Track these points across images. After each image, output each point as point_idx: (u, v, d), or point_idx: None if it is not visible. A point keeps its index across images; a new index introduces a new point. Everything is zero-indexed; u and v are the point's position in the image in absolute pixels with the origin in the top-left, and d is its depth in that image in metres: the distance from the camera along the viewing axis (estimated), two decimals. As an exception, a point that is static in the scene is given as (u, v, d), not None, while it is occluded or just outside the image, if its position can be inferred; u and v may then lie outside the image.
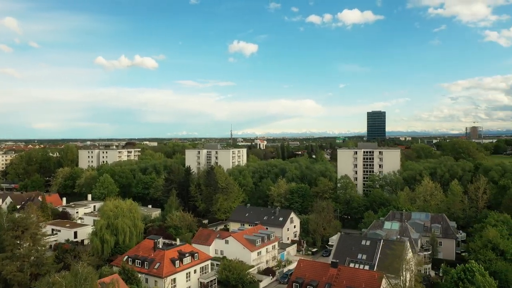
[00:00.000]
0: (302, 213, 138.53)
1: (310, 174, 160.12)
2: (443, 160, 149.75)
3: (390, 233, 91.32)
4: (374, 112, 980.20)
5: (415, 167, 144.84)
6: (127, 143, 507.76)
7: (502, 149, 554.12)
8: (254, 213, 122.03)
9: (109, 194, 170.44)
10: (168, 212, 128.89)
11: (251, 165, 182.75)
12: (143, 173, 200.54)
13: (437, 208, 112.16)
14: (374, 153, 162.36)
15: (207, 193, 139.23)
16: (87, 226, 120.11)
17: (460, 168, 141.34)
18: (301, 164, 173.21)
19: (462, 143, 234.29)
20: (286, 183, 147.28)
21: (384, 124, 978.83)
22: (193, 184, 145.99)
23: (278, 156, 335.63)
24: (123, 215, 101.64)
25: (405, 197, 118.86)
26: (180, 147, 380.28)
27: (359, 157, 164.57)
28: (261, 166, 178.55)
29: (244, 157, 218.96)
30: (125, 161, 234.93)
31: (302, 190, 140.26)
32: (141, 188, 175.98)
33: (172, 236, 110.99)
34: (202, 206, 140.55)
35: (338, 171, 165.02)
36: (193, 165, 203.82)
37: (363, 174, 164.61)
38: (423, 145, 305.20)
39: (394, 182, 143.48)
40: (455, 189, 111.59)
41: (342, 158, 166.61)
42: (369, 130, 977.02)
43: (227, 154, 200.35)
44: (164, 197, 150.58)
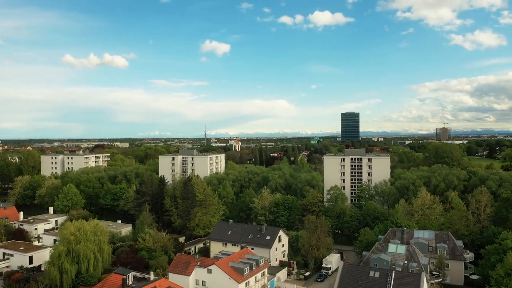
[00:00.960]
0: (288, 227, 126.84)
1: (295, 184, 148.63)
2: (436, 168, 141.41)
3: (396, 257, 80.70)
4: (348, 113, 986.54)
5: (408, 176, 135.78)
6: (96, 146, 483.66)
7: (474, 150, 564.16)
8: (237, 231, 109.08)
9: (73, 206, 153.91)
10: (139, 229, 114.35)
11: (231, 173, 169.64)
12: (112, 181, 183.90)
13: (439, 224, 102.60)
14: (363, 160, 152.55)
15: (184, 207, 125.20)
16: (45, 249, 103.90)
17: (455, 177, 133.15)
18: (284, 172, 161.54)
19: (445, 147, 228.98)
20: (270, 194, 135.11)
21: (358, 125, 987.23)
22: (168, 197, 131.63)
23: (255, 160, 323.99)
24: (86, 239, 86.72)
25: (402, 211, 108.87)
26: (152, 150, 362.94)
27: (346, 164, 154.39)
28: (242, 175, 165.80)
29: (222, 163, 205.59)
30: (92, 168, 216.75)
31: (288, 202, 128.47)
32: (109, 200, 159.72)
33: (144, 260, 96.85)
34: (179, 221, 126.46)
35: (325, 179, 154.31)
36: (167, 173, 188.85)
37: (350, 182, 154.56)
38: (404, 149, 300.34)
39: (386, 192, 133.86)
40: (457, 203, 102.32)
41: (329, 166, 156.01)
42: (343, 131, 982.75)
43: (204, 160, 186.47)
44: (135, 210, 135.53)
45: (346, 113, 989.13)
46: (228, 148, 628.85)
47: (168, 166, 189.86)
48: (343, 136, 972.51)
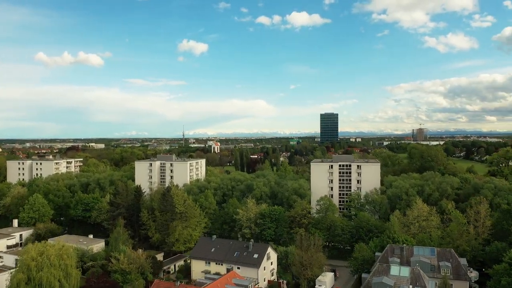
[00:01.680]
0: (276, 241, 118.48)
1: (281, 192, 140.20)
2: (428, 176, 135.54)
3: (400, 281, 73.01)
4: (327, 114, 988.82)
5: (400, 184, 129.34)
6: (70, 148, 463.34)
7: (451, 151, 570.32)
8: (221, 248, 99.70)
9: (40, 218, 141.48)
10: (113, 247, 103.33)
11: (212, 181, 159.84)
12: (84, 190, 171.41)
13: (438, 238, 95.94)
14: (352, 167, 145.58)
15: (162, 220, 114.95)
16: (4, 273, 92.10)
17: (449, 185, 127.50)
18: (269, 180, 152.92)
19: (430, 150, 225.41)
20: (255, 204, 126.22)
21: (337, 126, 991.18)
22: (145, 209, 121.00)
23: (236, 163, 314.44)
24: (50, 265, 75.77)
25: (398, 224, 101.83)
26: (129, 153, 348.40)
27: (335, 171, 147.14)
28: (225, 182, 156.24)
29: (203, 168, 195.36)
30: (63, 174, 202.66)
31: (275, 213, 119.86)
32: (81, 211, 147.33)
33: (118, 285, 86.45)
34: (157, 236, 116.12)
35: (312, 187, 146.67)
36: (144, 180, 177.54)
37: (339, 190, 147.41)
38: (388, 152, 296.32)
39: (377, 202, 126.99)
40: (457, 216, 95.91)
41: (316, 173, 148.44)
42: (322, 131, 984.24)
43: (184, 166, 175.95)
44: (109, 224, 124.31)
45: (325, 114, 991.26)
46: (207, 150, 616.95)
47: (145, 172, 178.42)
48: (322, 137, 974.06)
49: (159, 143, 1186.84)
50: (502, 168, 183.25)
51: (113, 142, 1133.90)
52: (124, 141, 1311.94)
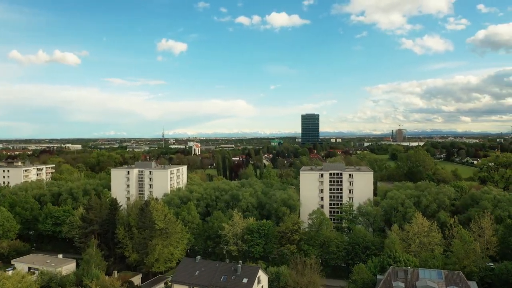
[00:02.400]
0: (265, 258, 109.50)
1: (270, 204, 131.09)
2: (424, 186, 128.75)
3: (410, 314, 64.99)
4: (308, 115, 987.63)
5: (396, 195, 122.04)
6: (43, 151, 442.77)
7: (432, 153, 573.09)
8: (206, 271, 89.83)
9: (5, 234, 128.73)
10: (85, 270, 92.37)
11: (195, 190, 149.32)
12: (55, 201, 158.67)
13: (442, 258, 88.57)
14: (343, 176, 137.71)
15: (140, 238, 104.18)
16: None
17: (446, 196, 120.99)
18: (256, 189, 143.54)
19: (418, 155, 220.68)
20: (242, 218, 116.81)
21: (318, 126, 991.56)
22: (121, 226, 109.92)
23: (218, 167, 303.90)
24: (7, 302, 64.93)
25: (398, 241, 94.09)
26: (105, 157, 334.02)
27: (325, 180, 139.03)
28: (208, 192, 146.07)
29: (184, 175, 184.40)
30: (33, 183, 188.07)
31: (264, 228, 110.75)
32: (50, 225, 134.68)
33: (90, 319, 75.87)
34: (134, 256, 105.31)
35: (302, 197, 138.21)
36: (121, 189, 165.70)
37: (329, 200, 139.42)
38: (373, 156, 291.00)
39: (371, 214, 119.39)
40: (463, 234, 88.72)
41: (306, 182, 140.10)
42: (303, 132, 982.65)
43: (164, 174, 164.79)
44: (80, 242, 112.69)
45: (306, 115, 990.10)
46: (187, 152, 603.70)
47: (122, 181, 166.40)
48: (303, 138, 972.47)
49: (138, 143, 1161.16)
50: (493, 174, 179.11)
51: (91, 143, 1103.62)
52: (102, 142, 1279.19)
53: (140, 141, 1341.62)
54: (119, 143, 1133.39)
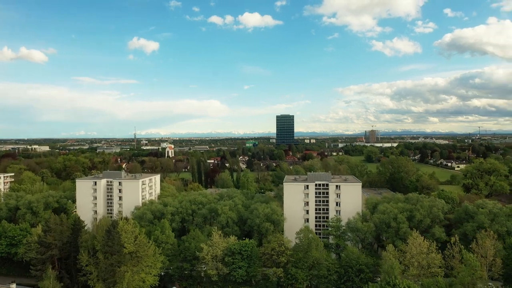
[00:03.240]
0: (248, 283, 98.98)
1: (252, 219, 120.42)
2: (416, 198, 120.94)
3: None
4: (283, 116, 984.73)
5: (387, 209, 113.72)
6: (5, 155, 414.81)
7: (406, 154, 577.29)
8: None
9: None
10: (40, 306, 79.21)
11: (169, 203, 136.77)
12: (12, 216, 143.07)
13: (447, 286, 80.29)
14: (330, 187, 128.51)
15: (107, 265, 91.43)
16: None
17: (440, 210, 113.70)
18: (236, 202, 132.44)
19: (400, 160, 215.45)
20: (221, 236, 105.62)
21: (293, 127, 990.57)
22: (85, 250, 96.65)
23: (193, 172, 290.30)
24: None
25: (398, 266, 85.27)
26: (73, 162, 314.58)
27: (310, 192, 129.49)
28: (184, 205, 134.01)
29: (157, 185, 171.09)
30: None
31: (247, 249, 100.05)
32: (5, 246, 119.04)
33: None
34: (100, 286, 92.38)
35: (285, 211, 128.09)
36: (87, 202, 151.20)
37: (315, 213, 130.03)
38: (352, 159, 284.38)
39: (362, 230, 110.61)
40: (470, 259, 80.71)
41: (290, 194, 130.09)
42: (278, 133, 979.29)
43: (135, 186, 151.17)
44: (37, 270, 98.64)
45: (281, 116, 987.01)
46: (160, 154, 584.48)
47: (88, 192, 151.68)
48: (278, 138, 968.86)
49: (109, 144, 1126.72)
50: (477, 181, 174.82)
51: (59, 144, 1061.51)
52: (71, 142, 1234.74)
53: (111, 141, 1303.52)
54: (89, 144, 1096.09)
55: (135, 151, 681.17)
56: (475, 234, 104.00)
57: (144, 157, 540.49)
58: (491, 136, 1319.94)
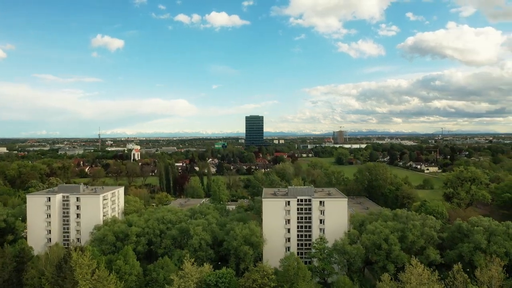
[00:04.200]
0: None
1: (228, 242, 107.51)
2: (405, 215, 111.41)
3: None
4: (252, 117, 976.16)
5: (377, 228, 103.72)
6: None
7: (375, 157, 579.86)
8: None
9: None
10: None
11: (134, 223, 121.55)
12: None
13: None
14: (313, 203, 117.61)
15: (57, 308, 76.27)
16: None
17: (433, 228, 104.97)
18: (210, 221, 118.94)
19: (378, 168, 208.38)
20: (194, 263, 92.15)
21: (262, 128, 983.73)
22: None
23: (161, 179, 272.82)
24: None
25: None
26: (29, 168, 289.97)
27: (292, 209, 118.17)
28: (151, 225, 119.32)
29: (121, 199, 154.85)
30: None
31: (224, 281, 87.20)
32: None
33: None
34: (48, 334, 77.12)
35: (265, 230, 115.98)
36: (39, 221, 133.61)
37: (297, 231, 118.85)
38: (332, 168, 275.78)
39: (351, 253, 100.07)
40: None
41: (270, 211, 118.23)
42: (247, 134, 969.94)
43: (95, 201, 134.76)
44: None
45: (250, 117, 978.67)
46: (126, 156, 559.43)
47: (41, 210, 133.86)
48: (247, 140, 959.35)
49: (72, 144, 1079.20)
50: (458, 190, 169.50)
51: (18, 145, 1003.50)
52: (31, 142, 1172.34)
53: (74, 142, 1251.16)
54: (50, 144, 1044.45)
55: (99, 153, 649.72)
56: (472, 256, 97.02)
57: (109, 160, 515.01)
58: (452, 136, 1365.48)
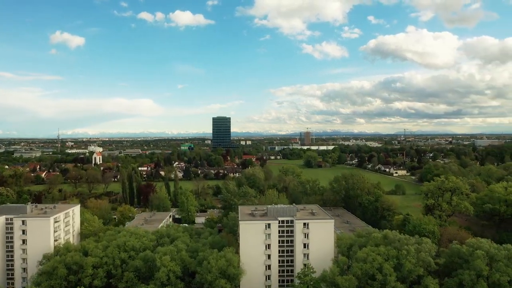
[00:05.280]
0: None
1: (201, 275, 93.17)
2: (398, 240, 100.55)
3: None
4: (219, 118, 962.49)
5: (369, 256, 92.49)
6: None
7: (343, 159, 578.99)
8: None
9: None
10: None
11: (91, 252, 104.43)
12: None
13: None
14: (296, 226, 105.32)
15: None
16: None
17: (428, 253, 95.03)
18: (179, 248, 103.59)
19: (354, 176, 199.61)
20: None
21: (229, 129, 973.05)
22: None
23: (124, 189, 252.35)
24: None
25: None
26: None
27: (273, 232, 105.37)
28: (110, 253, 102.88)
29: (77, 219, 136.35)
30: None
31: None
32: None
33: None
34: None
35: (242, 257, 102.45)
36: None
37: (278, 256, 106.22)
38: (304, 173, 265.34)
39: (342, 285, 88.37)
40: None
41: (248, 236, 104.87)
42: (214, 135, 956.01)
43: (45, 225, 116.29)
44: None
45: (218, 118, 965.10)
46: (87, 159, 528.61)
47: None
48: (214, 141, 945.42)
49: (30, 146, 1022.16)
50: (440, 201, 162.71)
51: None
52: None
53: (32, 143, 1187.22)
54: (6, 146, 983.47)
55: (58, 156, 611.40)
56: (474, 285, 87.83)
57: (69, 164, 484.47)
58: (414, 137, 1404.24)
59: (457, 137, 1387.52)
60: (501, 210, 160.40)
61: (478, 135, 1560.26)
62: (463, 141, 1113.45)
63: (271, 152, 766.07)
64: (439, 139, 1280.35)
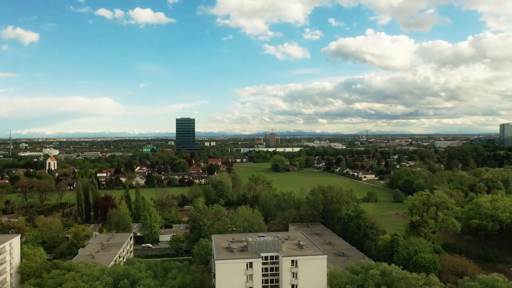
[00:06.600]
0: None
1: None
2: (403, 278, 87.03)
3: None
4: (183, 119, 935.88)
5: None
6: None
7: (311, 162, 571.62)
8: None
9: None
10: None
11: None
12: None
13: None
14: (283, 263, 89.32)
15: None
16: None
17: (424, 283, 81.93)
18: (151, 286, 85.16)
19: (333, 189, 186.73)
20: None
21: (193, 131, 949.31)
22: None
23: (79, 204, 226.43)
24: None
25: None
26: None
27: (256, 272, 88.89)
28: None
29: (16, 253, 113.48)
30: None
31: None
32: None
33: None
34: None
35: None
36: None
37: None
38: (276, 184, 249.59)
39: None
40: None
41: (225, 277, 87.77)
42: (178, 136, 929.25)
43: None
44: None
45: (181, 119, 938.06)
46: (40, 165, 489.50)
47: None
48: (178, 142, 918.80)
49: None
50: (425, 217, 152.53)
51: None
52: None
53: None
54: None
55: (10, 160, 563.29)
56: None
57: (20, 169, 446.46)
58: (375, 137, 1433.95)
59: (415, 138, 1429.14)
60: (488, 226, 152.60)
61: (434, 135, 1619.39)
62: (422, 142, 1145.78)
63: (237, 154, 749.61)
64: (399, 140, 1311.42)
